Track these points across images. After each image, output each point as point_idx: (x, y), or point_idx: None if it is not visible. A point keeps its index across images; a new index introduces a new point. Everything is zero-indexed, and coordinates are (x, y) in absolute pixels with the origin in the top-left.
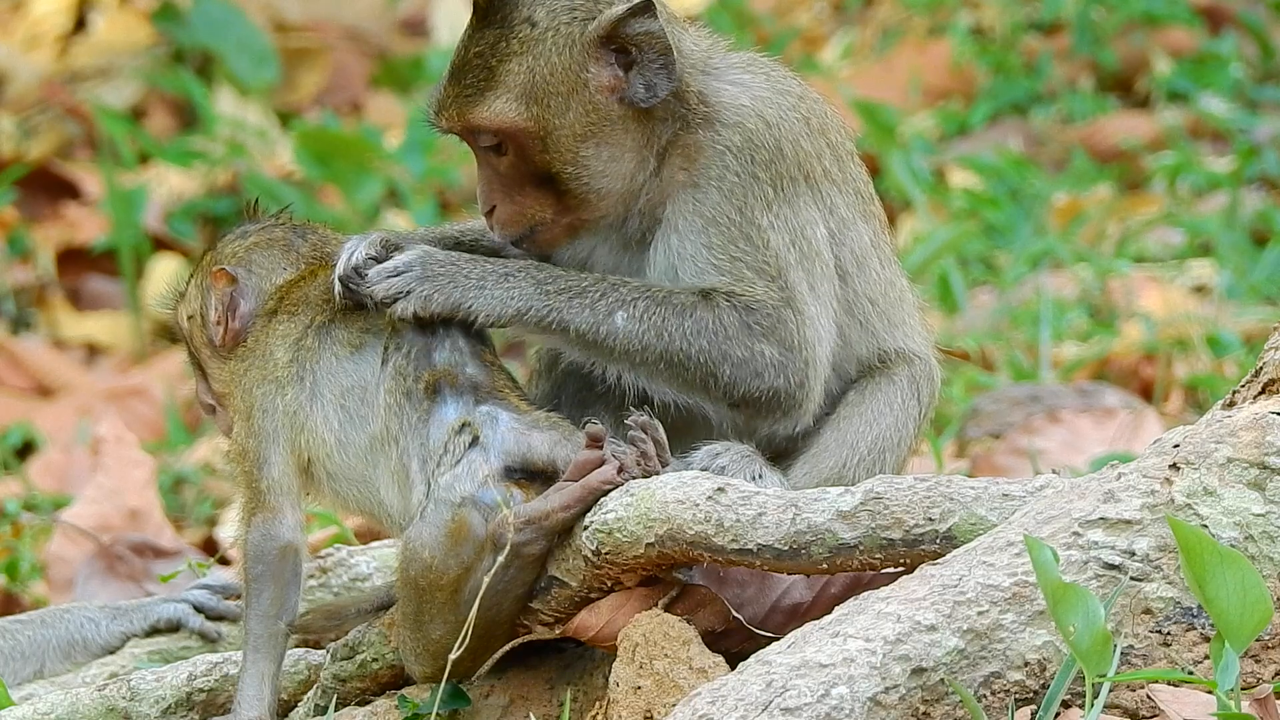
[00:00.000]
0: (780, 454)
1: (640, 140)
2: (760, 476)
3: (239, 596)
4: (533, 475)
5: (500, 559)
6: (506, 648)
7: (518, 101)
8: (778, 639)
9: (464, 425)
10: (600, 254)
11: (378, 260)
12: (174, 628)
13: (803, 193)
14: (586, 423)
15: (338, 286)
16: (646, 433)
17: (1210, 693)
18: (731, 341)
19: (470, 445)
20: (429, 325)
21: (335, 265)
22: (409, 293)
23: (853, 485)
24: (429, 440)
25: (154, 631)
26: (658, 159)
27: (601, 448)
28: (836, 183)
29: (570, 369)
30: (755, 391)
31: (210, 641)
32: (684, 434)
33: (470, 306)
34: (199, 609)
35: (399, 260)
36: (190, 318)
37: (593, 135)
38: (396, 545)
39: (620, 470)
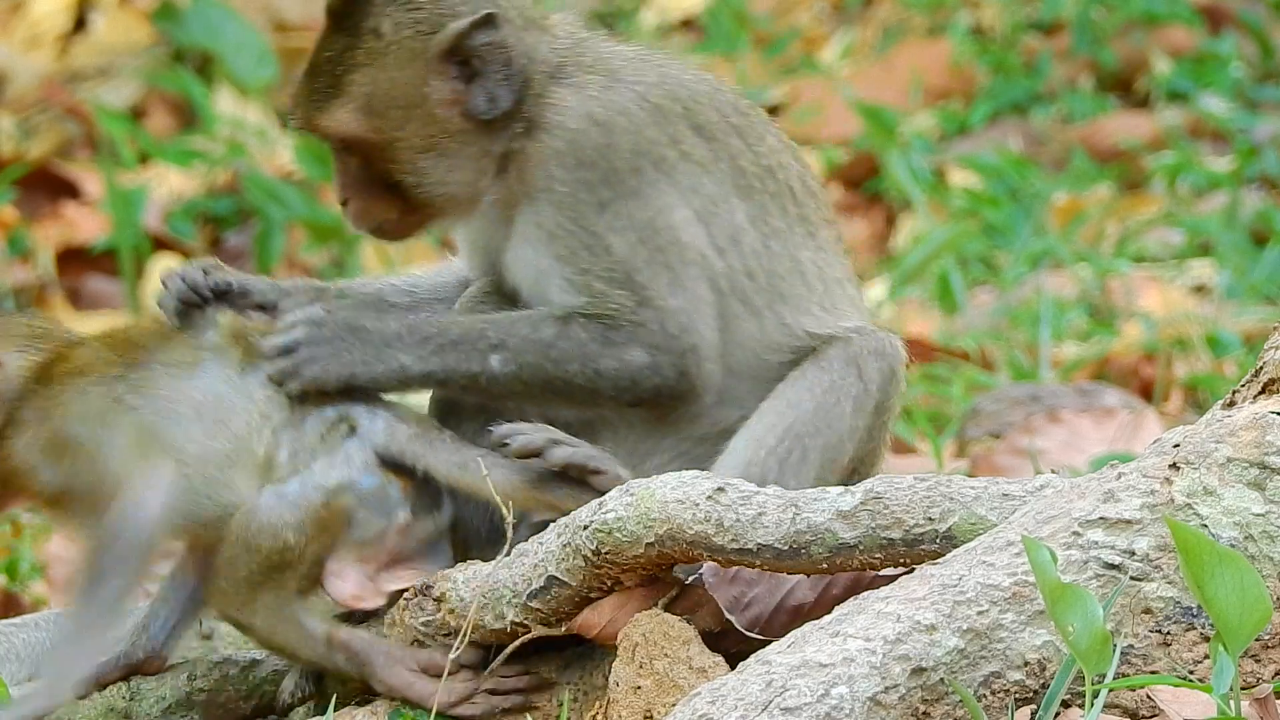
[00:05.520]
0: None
1: (482, 150)
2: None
3: None
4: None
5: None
6: (510, 649)
7: (360, 112)
8: (778, 639)
9: (342, 419)
10: (473, 234)
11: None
12: None
13: (651, 181)
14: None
15: (172, 305)
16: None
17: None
18: (598, 358)
19: (348, 435)
20: None
21: (166, 284)
22: (297, 373)
23: (766, 478)
24: (304, 432)
25: None
26: (499, 166)
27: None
28: (702, 164)
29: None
30: (641, 393)
31: (206, 639)
32: (600, 430)
33: (355, 376)
34: None
35: (285, 339)
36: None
37: (433, 147)
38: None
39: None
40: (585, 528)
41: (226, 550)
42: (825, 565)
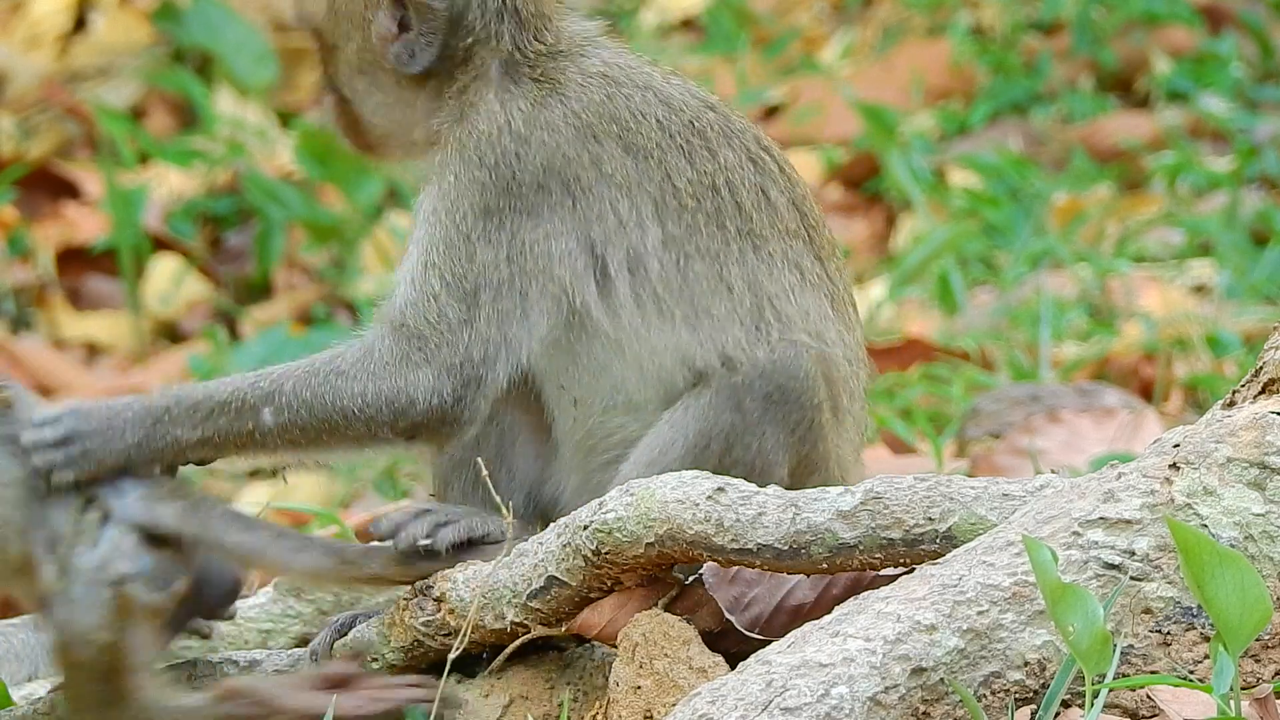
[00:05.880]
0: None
1: (410, 102)
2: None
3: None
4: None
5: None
6: (509, 650)
7: (323, 6)
8: (778, 639)
9: (89, 502)
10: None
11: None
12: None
13: (553, 204)
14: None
15: None
16: None
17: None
18: (383, 378)
19: (103, 521)
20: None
21: None
22: (70, 463)
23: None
24: (52, 524)
25: None
26: (427, 137)
27: None
28: (623, 185)
29: None
30: (416, 417)
31: (204, 638)
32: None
33: (131, 459)
34: None
35: (53, 432)
36: None
37: (365, 74)
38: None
39: None
40: (585, 528)
41: (63, 685)
42: (825, 565)
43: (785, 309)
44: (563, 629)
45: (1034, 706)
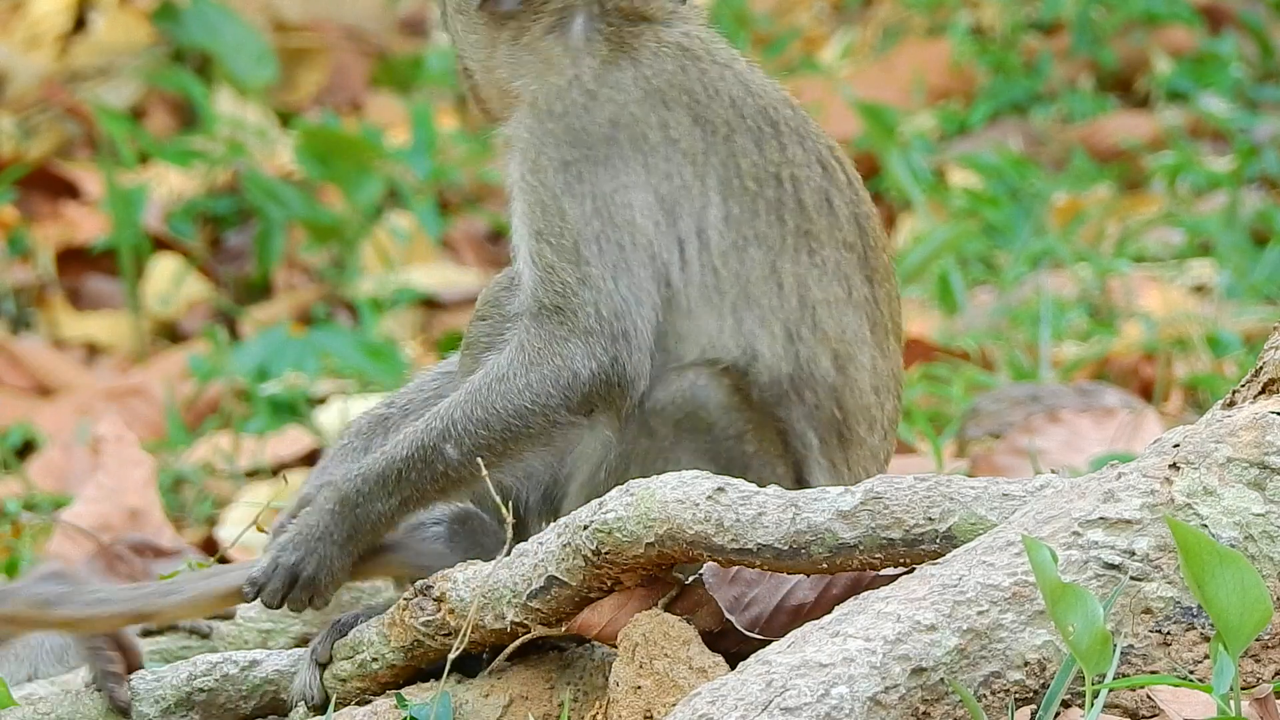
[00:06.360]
0: None
1: (493, 49)
2: None
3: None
4: None
5: None
6: (509, 650)
7: None
8: (778, 639)
9: None
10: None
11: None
12: (165, 628)
13: (624, 156)
14: None
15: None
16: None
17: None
18: (543, 361)
19: None
20: None
21: None
22: (298, 605)
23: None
24: None
25: (146, 633)
26: (508, 96)
27: None
28: (688, 153)
29: None
30: (583, 387)
31: (203, 637)
32: None
33: (342, 558)
34: None
35: (273, 586)
36: None
37: (471, 31)
38: None
39: None
40: (585, 528)
41: None
42: (825, 565)
43: (824, 320)
44: (563, 629)
45: (1034, 706)
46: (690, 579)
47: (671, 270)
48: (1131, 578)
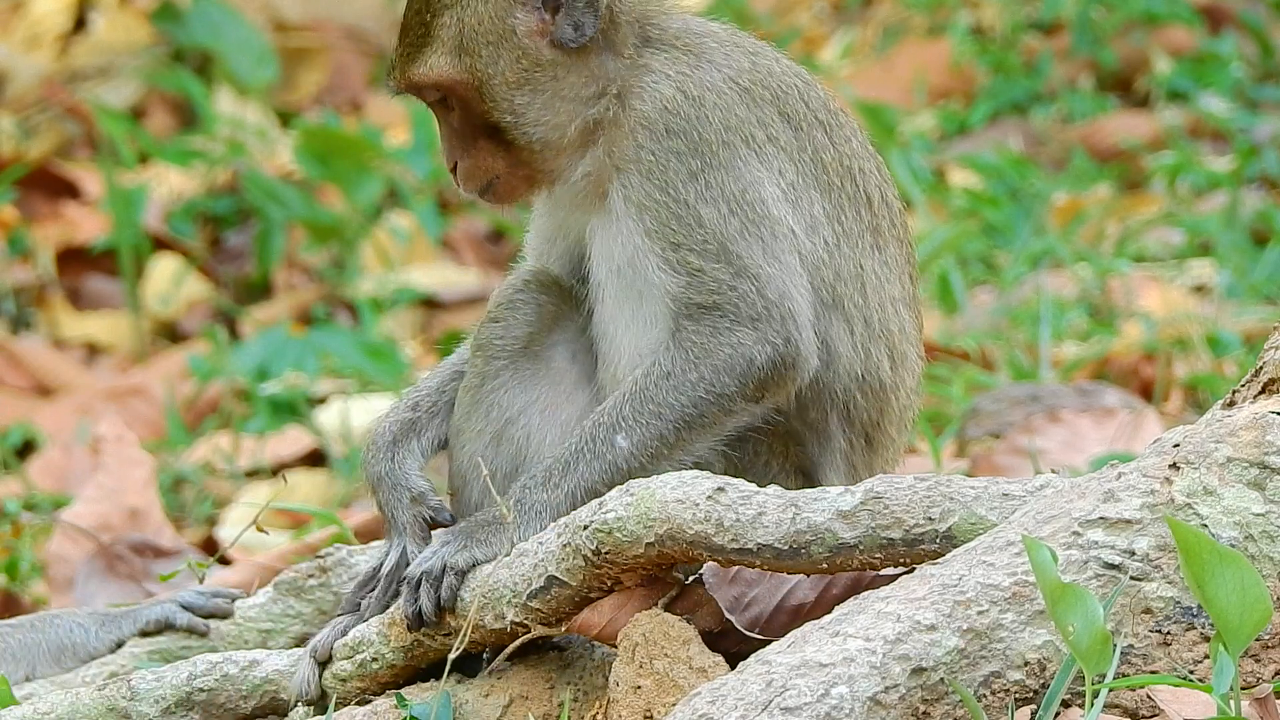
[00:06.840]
0: None
1: (576, 86)
2: None
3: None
4: None
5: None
6: (509, 650)
7: (450, 55)
8: (778, 639)
9: None
10: (561, 215)
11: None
12: (163, 628)
13: (742, 156)
14: None
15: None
16: None
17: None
18: (714, 352)
19: None
20: None
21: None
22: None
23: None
24: None
25: (144, 634)
26: (593, 122)
27: None
28: (788, 150)
29: None
30: (758, 373)
31: (203, 636)
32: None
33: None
34: (187, 607)
35: (425, 565)
36: None
37: (526, 82)
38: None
39: None
40: (585, 528)
41: None
42: (825, 565)
43: (889, 319)
44: (563, 629)
45: (1034, 706)
46: (690, 579)
47: (807, 255)
48: (1131, 578)
